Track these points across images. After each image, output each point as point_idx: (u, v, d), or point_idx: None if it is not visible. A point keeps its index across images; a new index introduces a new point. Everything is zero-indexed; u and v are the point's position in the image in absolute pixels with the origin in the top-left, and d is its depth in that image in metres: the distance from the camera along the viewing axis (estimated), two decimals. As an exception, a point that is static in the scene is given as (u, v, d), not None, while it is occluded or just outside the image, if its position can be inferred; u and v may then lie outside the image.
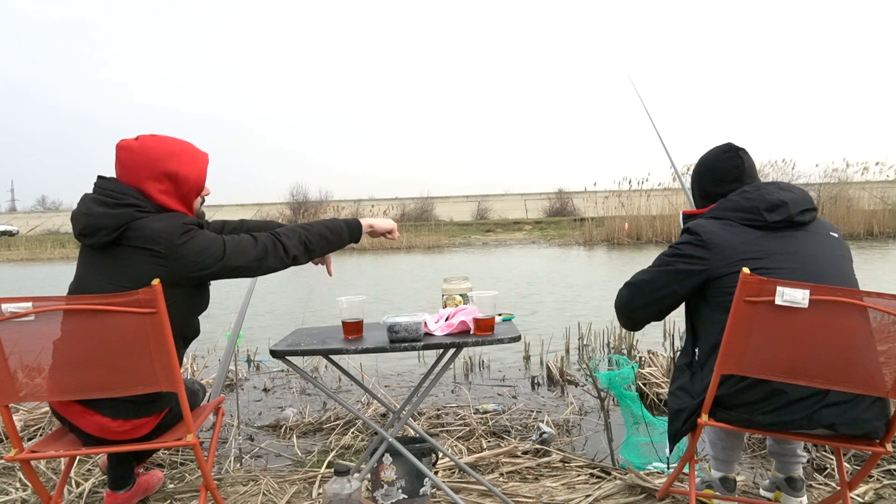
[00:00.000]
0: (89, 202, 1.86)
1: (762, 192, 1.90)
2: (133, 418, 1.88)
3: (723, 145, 2.08)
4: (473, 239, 25.84)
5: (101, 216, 1.82)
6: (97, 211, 1.83)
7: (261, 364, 5.21)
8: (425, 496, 2.23)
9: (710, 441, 2.16)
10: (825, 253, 1.85)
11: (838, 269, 1.85)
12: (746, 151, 2.06)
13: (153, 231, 1.81)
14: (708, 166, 2.09)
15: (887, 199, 20.86)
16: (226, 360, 3.09)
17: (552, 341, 5.42)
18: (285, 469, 2.74)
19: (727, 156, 2.05)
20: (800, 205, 1.88)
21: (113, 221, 1.81)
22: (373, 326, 2.26)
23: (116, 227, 1.81)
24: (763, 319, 1.68)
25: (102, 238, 1.82)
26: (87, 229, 1.83)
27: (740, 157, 2.04)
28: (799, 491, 2.09)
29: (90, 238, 1.83)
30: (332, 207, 33.16)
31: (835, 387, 1.68)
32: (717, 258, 1.84)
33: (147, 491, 2.33)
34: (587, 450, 3.07)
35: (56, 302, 1.72)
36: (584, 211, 28.70)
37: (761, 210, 1.86)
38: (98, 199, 1.86)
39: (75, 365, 1.76)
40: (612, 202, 22.22)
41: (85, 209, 1.85)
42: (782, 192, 1.89)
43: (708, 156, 2.10)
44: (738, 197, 1.93)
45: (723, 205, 1.95)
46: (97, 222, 1.81)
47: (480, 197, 40.89)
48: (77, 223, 1.86)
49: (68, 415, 1.89)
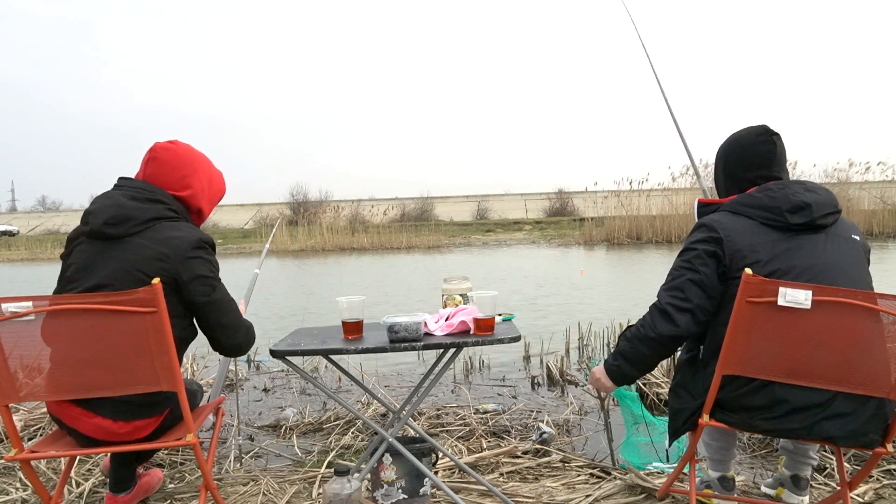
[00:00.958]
0: (117, 196, 1.92)
1: (787, 191, 1.81)
2: (133, 420, 1.87)
3: (757, 127, 1.96)
4: (473, 239, 25.84)
5: (133, 208, 1.89)
6: (129, 204, 1.89)
7: (261, 364, 5.21)
8: (425, 496, 2.23)
9: (704, 443, 2.12)
10: (842, 261, 1.79)
11: (853, 277, 1.78)
12: (780, 137, 1.94)
13: (170, 236, 1.89)
14: (739, 148, 1.97)
15: (887, 199, 20.90)
16: (226, 360, 3.09)
17: (552, 341, 5.42)
18: (285, 469, 2.74)
19: (761, 139, 1.93)
20: (823, 208, 1.79)
21: (143, 214, 1.89)
22: (373, 326, 2.26)
23: (146, 220, 1.88)
24: (766, 320, 1.68)
25: (130, 228, 1.87)
26: (114, 219, 1.87)
27: (774, 141, 1.92)
28: (803, 490, 2.09)
29: (117, 227, 1.87)
30: (332, 207, 33.16)
31: (836, 387, 1.68)
32: (732, 257, 1.78)
33: (147, 492, 2.33)
34: (587, 450, 3.07)
35: (56, 302, 1.72)
36: (584, 211, 28.70)
37: (784, 211, 1.78)
38: (127, 194, 1.93)
39: (76, 364, 1.75)
40: (611, 202, 22.22)
41: (112, 202, 1.90)
42: (807, 194, 1.80)
43: (740, 136, 1.98)
44: (761, 194, 1.84)
45: (744, 200, 1.86)
46: (128, 213, 1.88)
47: (480, 197, 40.91)
48: (102, 214, 1.88)
49: (67, 418, 1.88)
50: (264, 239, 23.85)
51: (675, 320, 1.82)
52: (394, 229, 25.14)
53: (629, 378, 2.00)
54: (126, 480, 2.18)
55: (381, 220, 30.31)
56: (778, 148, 1.92)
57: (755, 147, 1.93)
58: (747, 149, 1.94)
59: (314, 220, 30.33)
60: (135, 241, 1.86)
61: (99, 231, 1.87)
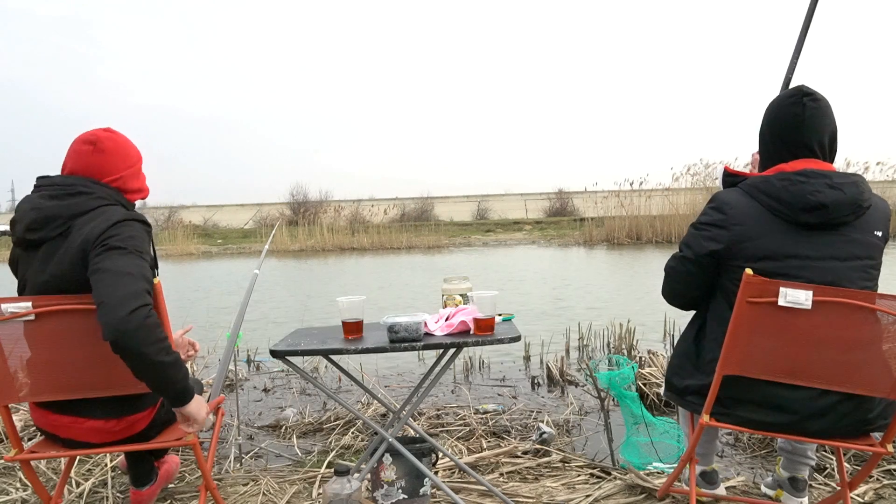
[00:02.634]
0: (34, 199, 1.84)
1: (806, 187, 1.70)
2: (126, 415, 1.87)
3: (792, 88, 1.82)
4: (473, 239, 25.84)
5: (53, 208, 1.80)
6: (48, 205, 1.81)
7: (261, 364, 5.20)
8: (425, 496, 2.23)
9: (687, 438, 2.16)
10: (845, 266, 1.71)
11: (856, 285, 1.72)
12: (817, 98, 1.77)
13: (92, 225, 1.78)
14: (771, 112, 1.85)
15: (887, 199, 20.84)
16: (225, 360, 3.08)
17: (552, 341, 5.42)
18: (285, 469, 2.73)
19: (790, 101, 1.79)
20: (842, 209, 1.69)
21: (66, 211, 1.81)
22: (373, 326, 2.26)
23: (70, 216, 1.80)
24: (766, 320, 1.68)
25: (53, 230, 1.80)
26: (35, 223, 1.81)
27: (803, 103, 1.76)
28: (801, 492, 2.09)
29: (39, 231, 1.81)
30: (332, 207, 33.14)
31: (836, 387, 1.68)
32: (736, 243, 1.76)
33: (168, 479, 2.38)
34: (587, 450, 3.07)
35: (56, 302, 1.72)
36: (584, 211, 28.68)
37: (797, 209, 1.70)
38: (46, 194, 1.84)
39: (72, 364, 1.75)
40: (611, 202, 22.21)
41: (30, 205, 1.83)
42: (828, 192, 1.69)
43: (774, 100, 1.87)
44: (781, 183, 1.73)
45: (761, 185, 1.77)
46: (48, 213, 1.80)
47: (480, 197, 40.87)
48: (23, 221, 1.82)
49: (60, 430, 1.86)
50: (264, 239, 23.86)
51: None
52: (394, 229, 25.13)
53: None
54: (146, 474, 2.20)
55: (381, 220, 30.29)
56: (807, 111, 1.76)
57: (784, 110, 1.80)
58: (778, 113, 1.82)
59: (314, 220, 30.32)
60: (59, 241, 1.77)
61: (23, 239, 1.80)
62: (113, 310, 1.56)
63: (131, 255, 1.69)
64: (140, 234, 1.78)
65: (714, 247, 1.80)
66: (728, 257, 1.79)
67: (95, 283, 1.63)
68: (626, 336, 5.05)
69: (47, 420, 1.87)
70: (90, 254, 1.70)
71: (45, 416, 1.86)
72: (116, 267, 1.64)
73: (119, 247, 1.69)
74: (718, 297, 1.87)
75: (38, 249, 1.79)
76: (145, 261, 1.74)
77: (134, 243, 1.73)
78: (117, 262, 1.66)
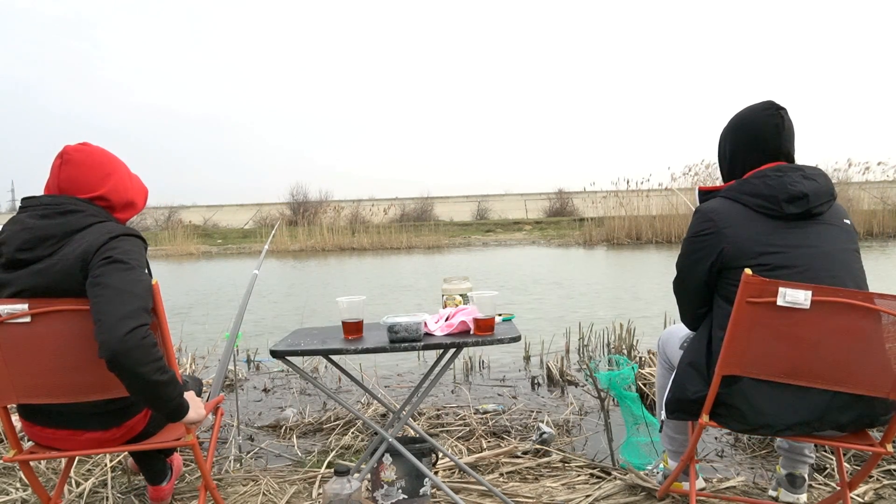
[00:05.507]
0: (24, 219, 1.80)
1: (785, 179, 1.78)
2: (124, 422, 1.87)
3: (762, 102, 1.92)
4: (473, 239, 25.83)
5: (46, 227, 1.77)
6: (39, 224, 1.77)
7: (261, 364, 5.20)
8: (425, 496, 2.22)
9: (667, 436, 2.20)
10: (837, 249, 1.78)
11: (849, 266, 1.78)
12: (787, 111, 1.89)
13: (87, 241, 1.76)
14: (746, 124, 1.92)
15: (887, 199, 20.92)
16: (225, 360, 3.09)
17: (552, 341, 5.42)
18: (285, 469, 2.73)
19: (767, 113, 1.88)
20: (820, 197, 1.77)
21: (60, 229, 1.78)
22: (373, 326, 2.26)
23: (63, 234, 1.77)
24: (765, 320, 1.68)
25: (46, 249, 1.76)
26: (27, 243, 1.77)
27: (781, 115, 1.87)
28: (798, 489, 2.09)
29: (33, 251, 1.76)
30: (332, 207, 33.14)
31: (836, 387, 1.68)
32: (729, 245, 1.78)
33: (180, 471, 2.45)
34: (587, 450, 3.07)
35: (54, 303, 1.72)
36: (583, 211, 28.67)
37: (781, 200, 1.75)
38: (36, 213, 1.80)
39: (70, 368, 1.73)
40: (611, 202, 22.20)
41: (20, 226, 1.78)
42: (806, 183, 1.77)
43: (746, 112, 1.94)
44: (758, 181, 1.81)
45: (741, 187, 1.84)
46: (41, 233, 1.77)
47: (480, 197, 40.86)
48: (13, 242, 1.76)
49: (58, 443, 1.85)
50: (264, 239, 23.85)
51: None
52: (394, 229, 25.11)
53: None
54: (162, 471, 2.25)
55: (381, 220, 30.27)
56: (785, 122, 1.87)
57: (762, 119, 1.88)
58: (755, 122, 1.89)
59: (314, 220, 30.30)
60: (48, 259, 1.73)
61: (14, 260, 1.74)
62: (110, 329, 1.58)
63: (133, 271, 1.71)
64: (138, 249, 1.80)
65: (708, 262, 1.82)
66: (727, 261, 1.79)
67: (95, 297, 1.64)
68: (626, 336, 5.05)
69: (43, 434, 1.85)
70: (91, 263, 1.70)
71: (42, 431, 1.85)
72: (117, 283, 1.66)
73: (122, 260, 1.70)
74: (722, 305, 1.85)
75: (24, 269, 1.74)
76: (146, 276, 1.76)
77: (135, 257, 1.75)
78: (120, 277, 1.67)
